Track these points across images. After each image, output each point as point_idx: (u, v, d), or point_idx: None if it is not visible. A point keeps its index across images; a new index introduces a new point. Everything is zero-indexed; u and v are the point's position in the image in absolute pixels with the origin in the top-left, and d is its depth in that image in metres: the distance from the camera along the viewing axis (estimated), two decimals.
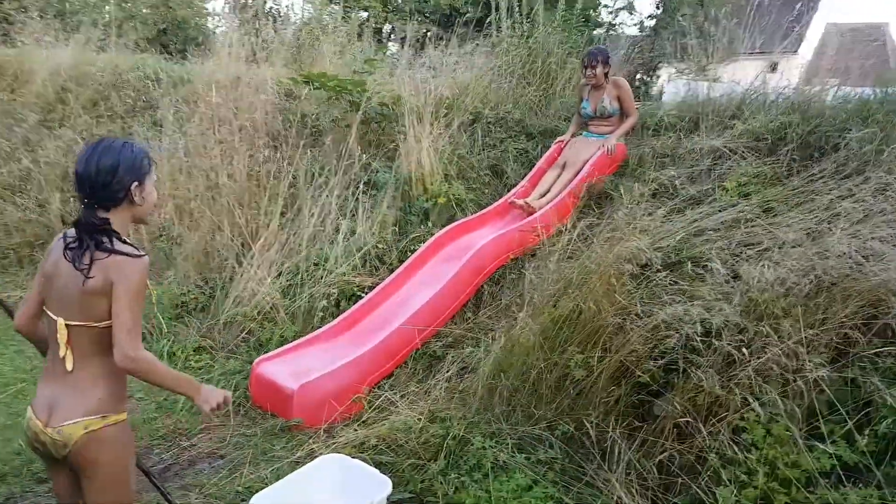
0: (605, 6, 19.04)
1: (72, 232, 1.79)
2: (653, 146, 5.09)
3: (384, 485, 2.65)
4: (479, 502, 2.61)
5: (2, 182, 6.10)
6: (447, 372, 3.67)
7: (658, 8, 20.50)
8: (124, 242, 1.78)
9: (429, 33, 10.27)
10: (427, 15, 16.63)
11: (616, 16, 20.17)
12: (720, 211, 3.67)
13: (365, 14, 16.88)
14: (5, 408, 3.53)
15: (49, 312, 1.82)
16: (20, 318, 1.94)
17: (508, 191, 5.28)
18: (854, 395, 2.32)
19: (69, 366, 1.78)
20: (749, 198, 3.74)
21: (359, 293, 4.33)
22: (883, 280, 2.37)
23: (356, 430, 3.30)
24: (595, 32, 13.49)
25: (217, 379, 3.88)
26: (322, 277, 4.45)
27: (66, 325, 1.77)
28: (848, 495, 2.08)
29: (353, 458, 2.89)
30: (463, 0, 13.72)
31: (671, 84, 7.32)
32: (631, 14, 21.71)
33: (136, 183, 1.81)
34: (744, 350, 2.38)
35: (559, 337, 3.03)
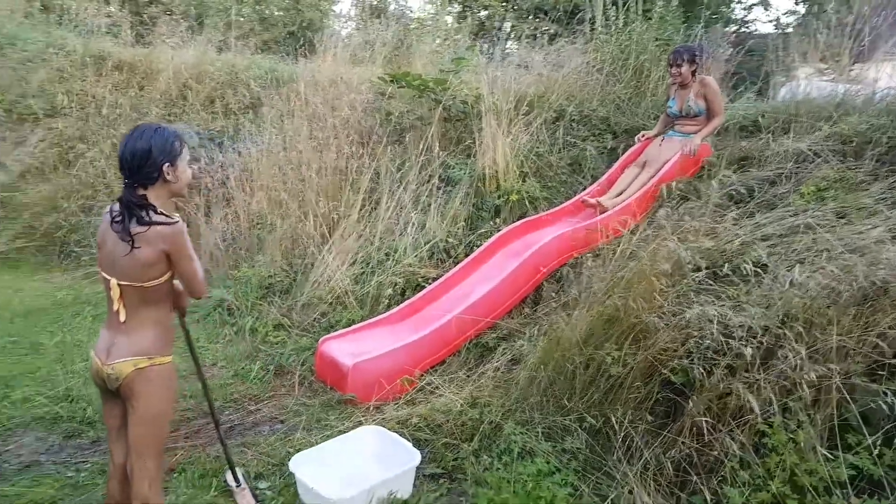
0: (739, 2, 18.18)
1: (117, 206, 2.08)
2: (742, 147, 4.90)
3: (413, 456, 2.84)
4: (501, 483, 2.70)
5: None
6: (496, 363, 3.78)
7: (798, 3, 19.10)
8: (160, 214, 2.05)
9: (548, 31, 10.21)
10: (546, 12, 16.47)
11: (749, 11, 19.14)
12: (792, 216, 3.51)
13: (485, 13, 17.01)
14: None
15: (103, 273, 2.13)
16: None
17: (584, 189, 5.27)
18: (891, 408, 2.20)
19: (122, 317, 2.09)
20: (825, 203, 3.53)
21: (423, 283, 4.54)
22: None
23: (402, 408, 3.50)
24: (727, 29, 12.86)
25: (289, 354, 4.23)
26: (391, 267, 4.69)
27: (119, 285, 2.07)
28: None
29: (391, 431, 3.10)
30: None
31: (787, 86, 6.92)
32: (766, 10, 20.51)
33: (167, 164, 2.06)
34: (752, 351, 2.31)
35: (597, 333, 3.06)
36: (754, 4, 18.27)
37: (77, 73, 8.45)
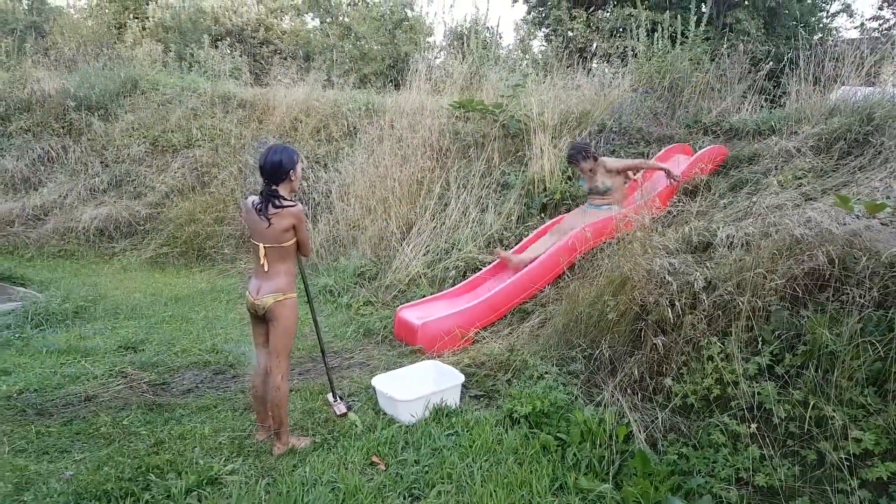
0: (824, 8, 18.28)
1: (253, 198, 3.28)
2: (754, 148, 5.65)
3: (459, 377, 3.90)
4: (521, 395, 3.70)
5: (251, 188, 8.47)
6: (532, 322, 4.78)
7: (882, 8, 18.93)
8: (287, 200, 3.25)
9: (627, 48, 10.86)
10: (629, 31, 17.06)
11: (832, 20, 19.16)
12: (771, 198, 4.31)
13: (571, 34, 17.89)
14: (246, 338, 5.42)
15: (253, 241, 3.33)
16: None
17: None
18: (797, 327, 3.05)
19: (266, 268, 3.28)
20: (800, 188, 4.30)
21: (481, 266, 5.61)
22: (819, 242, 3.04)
23: (456, 354, 4.58)
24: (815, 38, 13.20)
25: (374, 321, 5.42)
26: (455, 255, 5.81)
27: (264, 247, 3.27)
28: (754, 389, 2.87)
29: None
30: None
31: (836, 90, 7.44)
32: (850, 17, 20.33)
33: (291, 170, 3.26)
34: (672, 278, 3.21)
35: (601, 290, 4.01)
36: (838, 12, 18.26)
37: (207, 111, 10.29)
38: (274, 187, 3.22)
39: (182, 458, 3.15)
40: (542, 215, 6.01)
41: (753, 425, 2.93)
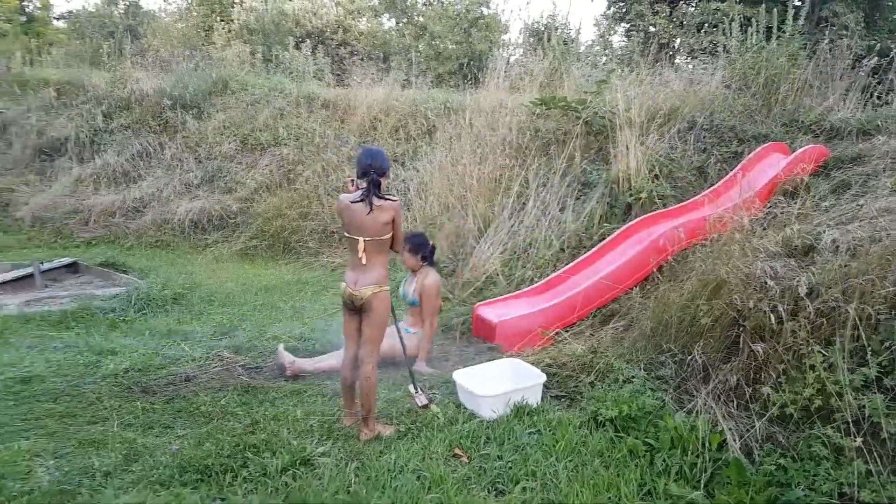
0: None
1: (345, 196, 3.39)
2: (860, 148, 5.33)
3: (540, 376, 3.88)
4: (607, 398, 3.64)
5: (333, 185, 8.71)
6: (615, 325, 4.68)
7: None
8: (388, 194, 3.35)
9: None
10: (716, 25, 16.38)
11: None
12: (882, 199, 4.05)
13: (653, 29, 17.38)
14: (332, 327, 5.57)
15: (350, 235, 3.42)
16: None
17: (709, 187, 5.94)
18: None
19: (364, 261, 3.38)
20: None
21: (559, 266, 5.54)
22: None
23: (536, 354, 4.55)
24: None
25: (452, 317, 5.45)
26: (534, 254, 5.76)
27: (364, 241, 3.36)
28: (861, 401, 2.71)
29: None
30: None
31: None
32: None
33: (389, 168, 3.39)
34: (775, 283, 3.03)
35: (694, 293, 3.89)
36: None
37: (293, 111, 10.64)
38: (379, 179, 3.34)
39: (276, 438, 3.28)
40: (627, 215, 5.87)
41: (859, 439, 2.77)
